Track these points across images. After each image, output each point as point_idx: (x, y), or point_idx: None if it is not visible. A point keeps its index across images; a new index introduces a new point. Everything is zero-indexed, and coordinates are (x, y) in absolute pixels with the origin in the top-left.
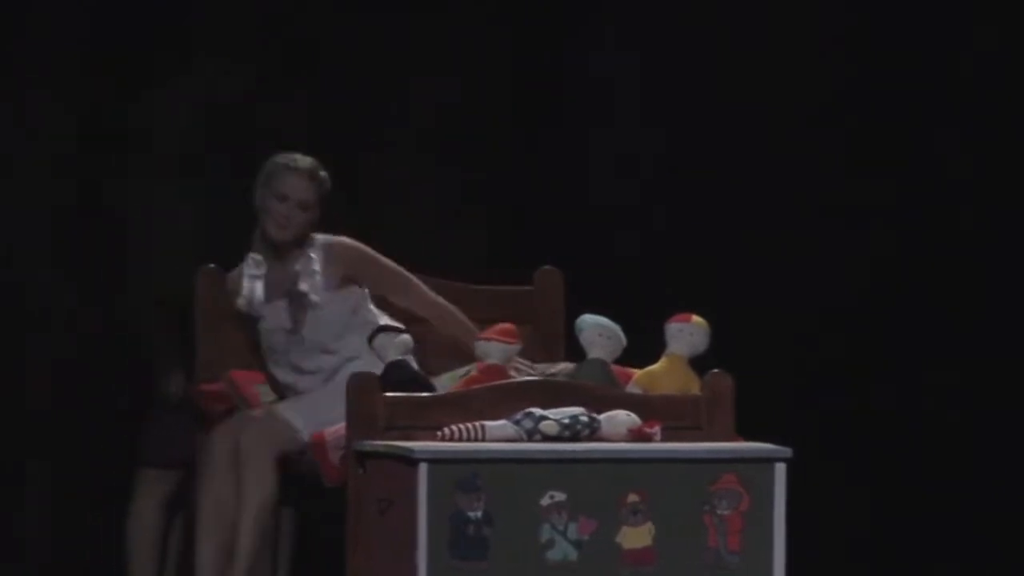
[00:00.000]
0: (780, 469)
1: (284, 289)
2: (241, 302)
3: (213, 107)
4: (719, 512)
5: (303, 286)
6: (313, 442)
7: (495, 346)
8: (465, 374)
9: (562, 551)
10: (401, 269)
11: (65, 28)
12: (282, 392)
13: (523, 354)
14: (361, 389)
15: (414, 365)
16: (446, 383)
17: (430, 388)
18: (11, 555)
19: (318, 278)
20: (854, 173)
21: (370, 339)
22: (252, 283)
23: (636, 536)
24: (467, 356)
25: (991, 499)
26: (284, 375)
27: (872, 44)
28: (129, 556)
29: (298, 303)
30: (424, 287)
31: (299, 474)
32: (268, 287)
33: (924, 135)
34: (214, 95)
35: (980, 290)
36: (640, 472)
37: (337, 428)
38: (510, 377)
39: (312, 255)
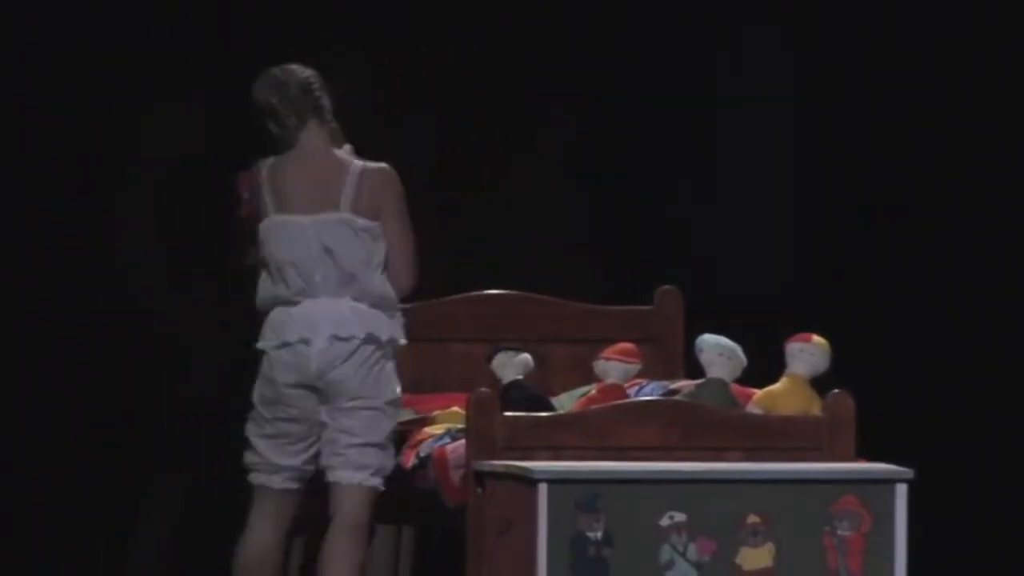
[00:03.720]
0: (901, 490)
1: None
2: None
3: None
4: (840, 533)
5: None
6: (434, 459)
7: (615, 366)
8: (584, 393)
9: (682, 572)
10: None
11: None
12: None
13: (643, 373)
14: (480, 408)
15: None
16: (565, 402)
17: (549, 407)
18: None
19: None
20: (969, 202)
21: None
22: None
23: (756, 557)
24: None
25: None
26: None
27: None
28: None
29: None
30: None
31: (420, 492)
32: None
33: None
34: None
35: None
36: (760, 493)
37: (457, 446)
38: (629, 397)
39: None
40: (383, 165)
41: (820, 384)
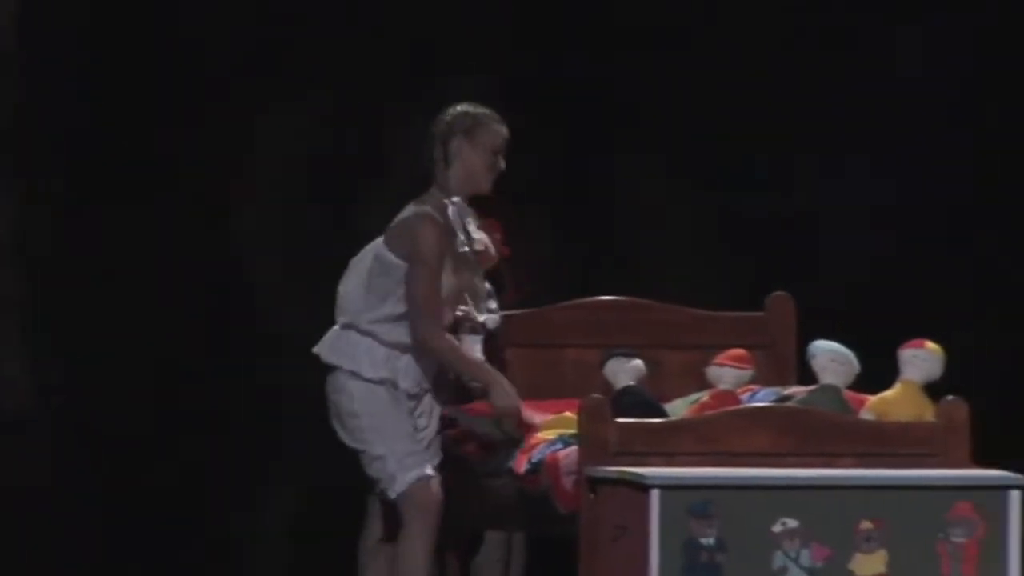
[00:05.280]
0: (1016, 497)
1: None
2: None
3: None
4: (953, 540)
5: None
6: (547, 465)
7: (728, 371)
8: (697, 399)
9: None
10: None
11: None
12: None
13: (756, 379)
14: (592, 414)
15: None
16: (678, 408)
17: (662, 413)
18: None
19: None
20: None
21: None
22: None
23: (870, 563)
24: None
25: None
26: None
27: None
28: None
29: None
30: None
31: (532, 497)
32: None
33: None
34: None
35: None
36: (874, 499)
37: (569, 452)
38: (742, 403)
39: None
40: None
41: (934, 389)
